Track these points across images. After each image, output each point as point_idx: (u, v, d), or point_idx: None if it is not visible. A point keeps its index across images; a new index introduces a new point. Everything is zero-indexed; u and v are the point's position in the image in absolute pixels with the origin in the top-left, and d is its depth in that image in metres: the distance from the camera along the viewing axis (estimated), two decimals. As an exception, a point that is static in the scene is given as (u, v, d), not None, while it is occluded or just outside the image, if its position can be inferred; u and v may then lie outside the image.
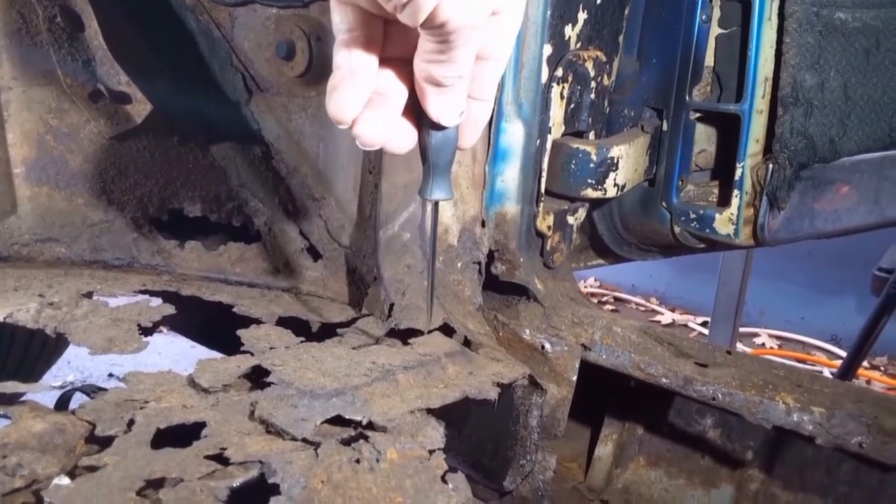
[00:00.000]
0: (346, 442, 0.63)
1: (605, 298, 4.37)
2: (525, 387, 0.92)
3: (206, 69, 1.14)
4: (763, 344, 3.67)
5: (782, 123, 0.97)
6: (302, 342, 0.83)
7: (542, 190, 1.03)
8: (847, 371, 2.43)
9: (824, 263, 3.47)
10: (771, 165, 0.99)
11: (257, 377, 0.73)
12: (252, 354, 0.77)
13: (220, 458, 0.59)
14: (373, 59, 0.59)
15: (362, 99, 0.59)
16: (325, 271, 1.04)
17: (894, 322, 2.25)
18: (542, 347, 1.01)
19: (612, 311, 4.16)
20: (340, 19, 0.57)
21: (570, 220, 1.09)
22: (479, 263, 1.02)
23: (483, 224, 1.00)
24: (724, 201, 1.04)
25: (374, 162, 0.99)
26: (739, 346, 3.45)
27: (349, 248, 1.04)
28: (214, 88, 1.13)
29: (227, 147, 1.15)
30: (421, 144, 0.64)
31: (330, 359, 0.76)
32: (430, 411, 0.70)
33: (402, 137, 0.64)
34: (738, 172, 1.01)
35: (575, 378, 0.97)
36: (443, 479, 0.62)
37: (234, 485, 0.56)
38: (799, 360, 3.47)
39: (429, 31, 0.53)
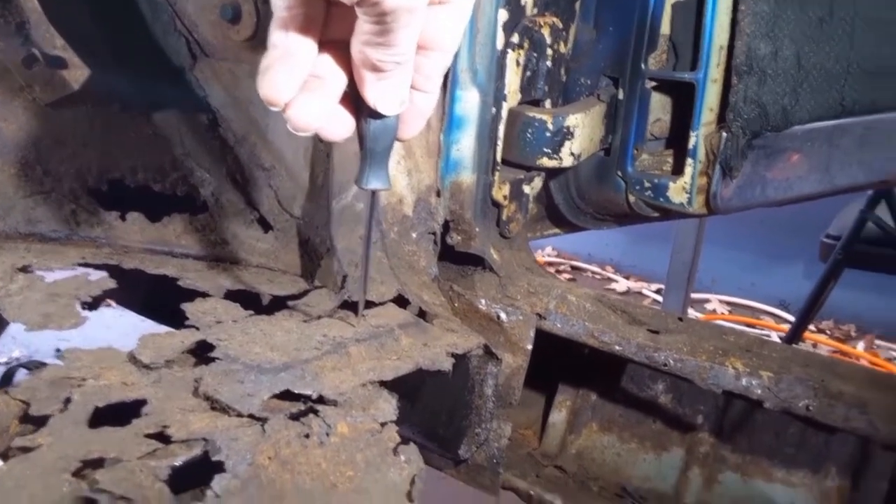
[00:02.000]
0: (295, 417, 0.61)
1: (562, 267, 4.41)
2: (480, 356, 0.91)
3: (148, 33, 1.09)
4: (714, 310, 3.76)
5: (736, 92, 0.97)
6: (250, 316, 0.80)
7: (498, 159, 1.02)
8: (794, 335, 2.51)
9: (774, 231, 3.56)
10: (724, 134, 0.99)
11: (202, 352, 0.71)
12: (197, 329, 0.75)
13: (162, 437, 0.57)
14: (311, 41, 0.56)
15: (297, 81, 0.56)
16: (276, 243, 1.01)
17: (840, 287, 2.32)
18: (498, 317, 1.01)
19: (569, 279, 4.20)
20: None
21: (527, 189, 1.08)
22: (435, 234, 1.00)
23: (438, 194, 0.98)
24: (678, 170, 1.04)
25: (324, 129, 0.96)
26: (692, 312, 3.53)
27: (301, 218, 1.01)
28: (157, 53, 1.08)
29: (171, 115, 1.10)
30: (359, 132, 0.62)
31: (279, 332, 0.74)
32: (382, 384, 0.69)
33: (338, 124, 0.61)
34: (692, 141, 1.01)
35: (530, 347, 0.97)
36: (395, 451, 0.61)
37: (176, 464, 0.54)
38: (748, 325, 3.57)
39: (365, 11, 0.51)
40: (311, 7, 0.55)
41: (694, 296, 3.57)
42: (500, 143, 1.00)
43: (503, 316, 0.99)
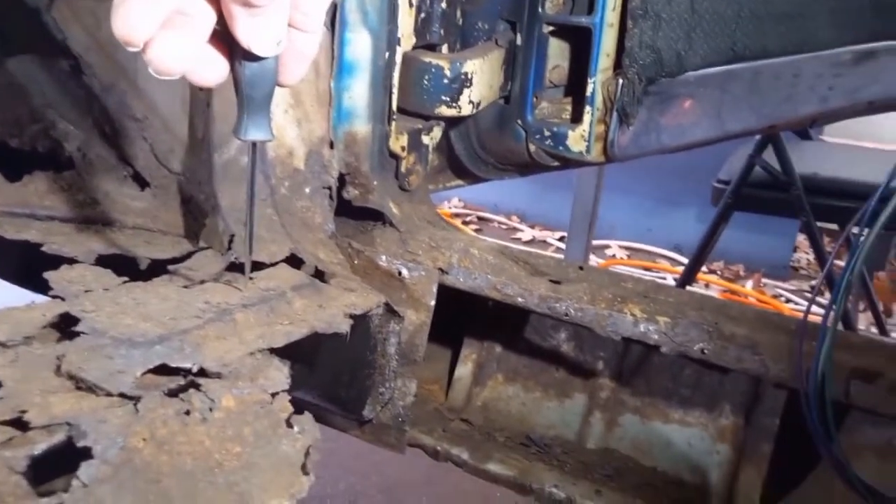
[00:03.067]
0: (174, 393, 0.56)
1: (468, 218, 4.42)
2: (381, 315, 0.88)
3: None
4: (614, 255, 3.88)
5: (632, 37, 0.95)
6: (124, 283, 0.73)
7: (394, 108, 0.97)
8: (688, 277, 2.62)
9: (669, 177, 3.68)
10: (621, 80, 0.98)
11: (67, 326, 0.63)
12: (63, 300, 0.67)
13: (20, 423, 0.51)
14: None
15: (156, 16, 0.49)
16: (154, 201, 0.93)
17: (730, 230, 2.43)
18: (399, 273, 0.98)
19: (476, 230, 4.22)
20: None
21: (426, 139, 1.04)
22: (330, 188, 0.95)
23: (331, 145, 0.93)
24: (576, 118, 1.03)
25: (203, 76, 0.88)
26: (592, 258, 3.63)
27: (181, 174, 0.93)
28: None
29: (28, 61, 0.99)
30: (234, 76, 0.56)
31: (154, 300, 0.68)
32: (273, 351, 0.65)
33: (209, 67, 0.55)
34: (590, 88, 0.99)
35: (433, 303, 0.95)
36: (287, 422, 0.57)
37: (35, 453, 0.49)
38: (646, 269, 3.71)
39: None
40: None
41: (595, 242, 3.67)
42: (395, 91, 0.95)
43: (405, 272, 0.96)
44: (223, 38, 0.55)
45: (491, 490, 0.95)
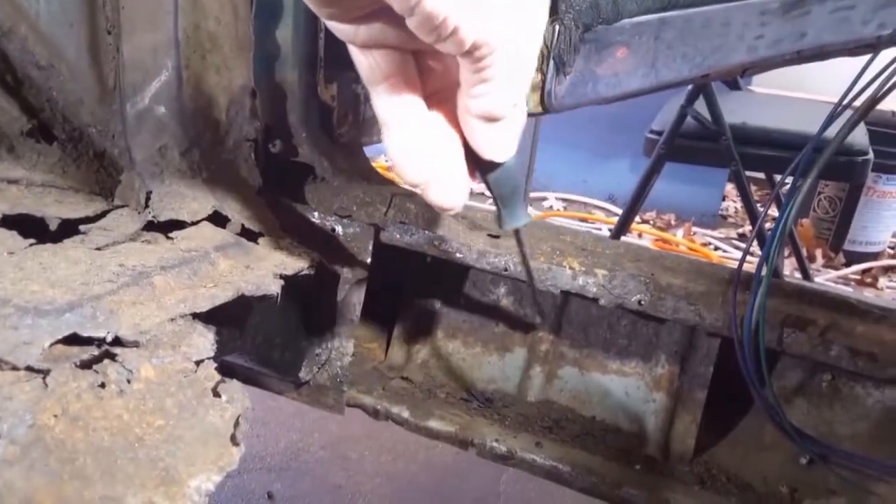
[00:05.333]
0: (87, 364, 0.52)
1: (405, 172, 4.36)
2: (315, 275, 0.85)
3: None
4: (551, 206, 3.91)
5: (569, -19, 0.92)
6: (31, 245, 0.67)
7: (323, 54, 0.92)
8: (622, 226, 2.66)
9: (603, 128, 3.71)
10: (557, 27, 0.95)
11: (-36, 296, 0.58)
12: (-40, 267, 0.61)
13: None
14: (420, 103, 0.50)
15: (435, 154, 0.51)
16: (63, 156, 0.86)
17: (662, 180, 2.47)
18: (333, 230, 0.94)
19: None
20: (371, 67, 0.49)
21: (358, 89, 0.99)
22: (256, 140, 0.90)
23: (255, 94, 0.87)
24: (513, 66, 1.00)
25: (111, 19, 0.81)
26: (531, 210, 3.64)
27: (93, 126, 0.87)
28: None
29: (-90, 1, 0.89)
30: (484, 182, 0.55)
31: (63, 265, 0.62)
32: (196, 316, 0.61)
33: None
34: (527, 34, 0.96)
35: (369, 260, 0.92)
36: (214, 391, 0.54)
37: (-72, 439, 0.44)
38: (581, 220, 3.75)
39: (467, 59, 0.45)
40: (406, 68, 0.49)
41: (532, 195, 3.69)
42: (322, 35, 0.90)
43: (339, 229, 0.93)
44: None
45: (434, 440, 0.95)
